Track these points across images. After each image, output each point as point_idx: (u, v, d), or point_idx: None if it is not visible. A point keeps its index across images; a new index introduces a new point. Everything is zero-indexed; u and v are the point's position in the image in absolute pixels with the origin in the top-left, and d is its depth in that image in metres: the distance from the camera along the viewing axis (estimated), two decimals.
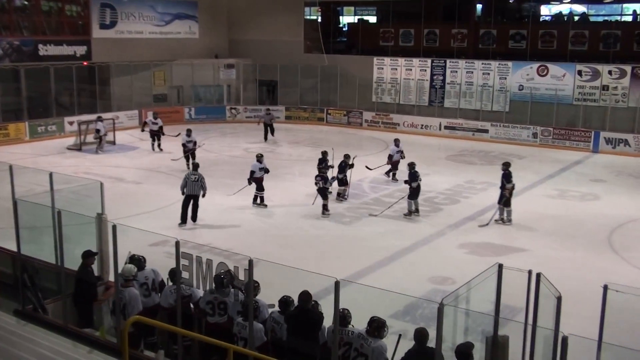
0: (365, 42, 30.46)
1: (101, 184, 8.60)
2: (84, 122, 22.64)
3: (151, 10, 28.44)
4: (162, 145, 21.78)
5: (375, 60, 28.54)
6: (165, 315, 7.57)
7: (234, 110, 29.32)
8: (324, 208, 14.73)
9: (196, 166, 14.41)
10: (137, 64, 27.37)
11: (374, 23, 33.69)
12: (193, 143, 19.27)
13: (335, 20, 34.40)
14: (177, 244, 6.73)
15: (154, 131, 21.85)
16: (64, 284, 7.90)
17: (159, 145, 21.80)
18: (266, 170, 15.38)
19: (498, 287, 6.13)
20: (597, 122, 23.84)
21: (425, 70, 27.36)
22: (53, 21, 25.85)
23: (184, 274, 6.83)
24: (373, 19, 34.45)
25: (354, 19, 35.15)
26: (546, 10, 33.00)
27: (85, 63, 25.82)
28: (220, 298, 7.16)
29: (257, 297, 7.00)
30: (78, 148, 21.98)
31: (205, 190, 13.89)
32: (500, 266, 6.09)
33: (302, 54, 30.12)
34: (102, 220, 8.08)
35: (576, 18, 29.12)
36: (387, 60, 28.32)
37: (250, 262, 6.18)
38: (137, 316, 6.74)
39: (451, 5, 28.26)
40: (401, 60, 27.98)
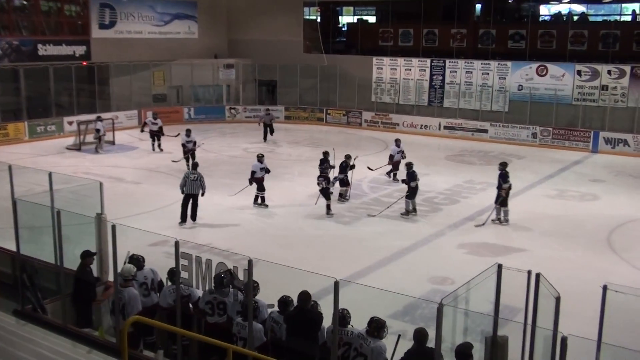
0: (365, 42, 30.46)
1: (100, 184, 8.60)
2: (83, 122, 22.64)
3: (150, 10, 28.44)
4: (162, 145, 21.77)
5: (374, 60, 28.54)
6: (164, 315, 7.58)
7: (233, 110, 29.32)
8: (328, 208, 14.73)
9: (195, 165, 14.42)
10: (137, 64, 27.37)
11: (373, 23, 33.68)
12: (193, 143, 19.27)
13: (334, 20, 34.39)
14: (177, 244, 6.73)
15: (154, 131, 21.84)
16: (63, 284, 7.90)
17: (159, 146, 21.79)
18: (267, 171, 15.38)
19: (497, 287, 6.13)
20: (597, 122, 23.84)
21: (425, 70, 27.36)
22: (52, 21, 25.84)
23: (183, 274, 6.83)
24: (372, 19, 34.45)
25: (354, 19, 35.15)
26: (545, 10, 33.00)
27: (84, 63, 25.82)
28: (219, 298, 7.16)
29: (257, 297, 7.01)
30: (77, 148, 21.99)
31: (204, 189, 13.90)
32: (500, 266, 6.10)
33: (302, 54, 30.13)
34: (102, 220, 8.08)
35: (575, 18, 29.11)
36: (387, 60, 28.32)
37: (250, 262, 6.18)
38: (137, 316, 6.74)
39: (450, 5, 28.26)
40: (400, 60, 27.98)
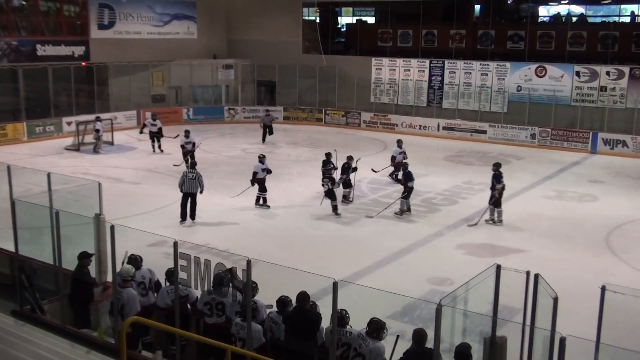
0: (364, 43, 30.45)
1: (99, 184, 8.59)
2: (82, 123, 22.62)
3: (149, 11, 28.43)
4: (162, 146, 21.69)
5: (373, 60, 28.54)
6: (162, 316, 7.57)
7: (232, 111, 29.31)
8: (335, 208, 14.72)
9: (194, 164, 14.44)
10: (136, 65, 27.36)
11: (372, 24, 33.65)
12: (192, 144, 19.25)
13: (333, 20, 34.36)
14: (175, 245, 6.72)
15: (153, 132, 21.78)
16: (61, 285, 7.89)
17: (159, 147, 21.72)
18: (268, 171, 15.37)
19: (496, 288, 6.14)
20: (595, 123, 23.86)
21: (424, 71, 27.37)
22: (51, 21, 25.82)
23: (182, 274, 6.83)
24: (371, 20, 34.43)
25: (352, 20, 35.12)
26: (544, 11, 33.00)
27: (83, 63, 25.81)
28: (218, 299, 7.14)
29: (256, 298, 7.00)
30: (76, 148, 21.98)
31: (202, 188, 13.93)
32: (499, 267, 6.10)
33: (301, 54, 30.13)
34: (100, 221, 8.07)
35: (574, 19, 29.12)
36: (386, 60, 28.33)
37: (249, 263, 6.18)
38: (135, 317, 6.73)
39: (449, 6, 28.26)
40: (399, 61, 27.99)
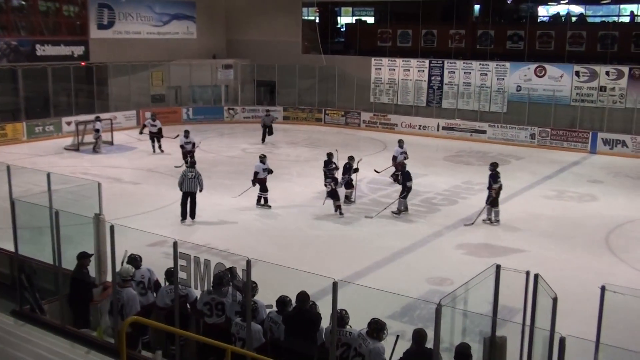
0: (363, 43, 30.46)
1: (99, 184, 8.58)
2: (82, 123, 22.62)
3: (149, 11, 28.43)
4: (163, 146, 21.64)
5: (373, 60, 28.55)
6: (161, 315, 7.58)
7: (231, 111, 29.31)
8: (339, 208, 14.73)
9: (193, 164, 14.45)
10: (135, 65, 27.35)
11: (371, 24, 33.66)
12: (192, 144, 19.22)
13: (333, 20, 34.37)
14: (175, 245, 6.72)
15: (153, 133, 21.74)
16: (61, 285, 7.89)
17: (159, 147, 21.68)
18: (270, 171, 15.37)
19: (496, 288, 6.14)
20: (595, 123, 23.87)
21: (423, 71, 27.37)
22: (50, 21, 25.81)
23: (182, 274, 6.82)
24: (371, 20, 34.44)
25: (352, 20, 35.12)
26: (544, 11, 32.99)
27: (83, 63, 25.81)
28: (217, 299, 7.14)
29: (255, 298, 7.00)
30: (76, 148, 21.97)
31: (201, 186, 13.96)
32: (498, 267, 6.10)
33: (300, 54, 30.14)
34: (100, 221, 8.06)
35: (574, 19, 29.11)
36: (385, 60, 28.33)
37: (248, 263, 6.18)
38: (135, 317, 6.73)
39: (449, 6, 28.28)
40: (399, 61, 27.99)
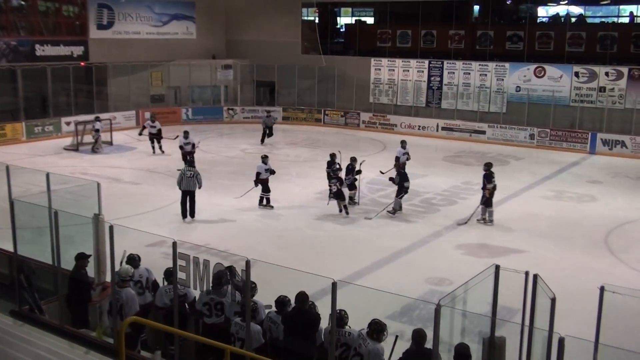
0: (363, 43, 30.46)
1: (98, 184, 8.57)
2: (81, 123, 22.61)
3: (148, 11, 28.43)
4: (163, 147, 21.57)
5: (372, 61, 28.56)
6: (160, 315, 7.58)
7: (231, 111, 29.30)
8: (345, 208, 14.73)
9: (192, 162, 14.48)
10: (135, 65, 27.35)
11: (371, 24, 33.63)
12: (191, 145, 19.17)
13: (332, 21, 34.37)
14: (174, 245, 6.71)
15: (153, 134, 21.70)
16: (60, 285, 7.88)
17: (160, 148, 21.64)
18: (272, 172, 15.36)
19: (495, 288, 6.13)
20: (594, 124, 23.89)
21: (423, 72, 27.38)
22: (50, 21, 25.81)
23: (181, 275, 6.82)
24: (370, 20, 34.42)
25: (352, 20, 35.10)
26: (543, 12, 32.96)
27: (82, 63, 25.81)
28: (217, 299, 7.14)
29: (255, 298, 7.00)
30: (75, 148, 21.97)
31: (200, 184, 14.03)
32: (497, 267, 6.09)
33: (300, 54, 30.13)
34: (99, 221, 8.06)
35: (573, 19, 29.10)
36: (385, 61, 28.34)
37: (248, 263, 6.18)
38: (134, 317, 6.73)
39: (448, 6, 28.29)
40: (398, 61, 28.00)
